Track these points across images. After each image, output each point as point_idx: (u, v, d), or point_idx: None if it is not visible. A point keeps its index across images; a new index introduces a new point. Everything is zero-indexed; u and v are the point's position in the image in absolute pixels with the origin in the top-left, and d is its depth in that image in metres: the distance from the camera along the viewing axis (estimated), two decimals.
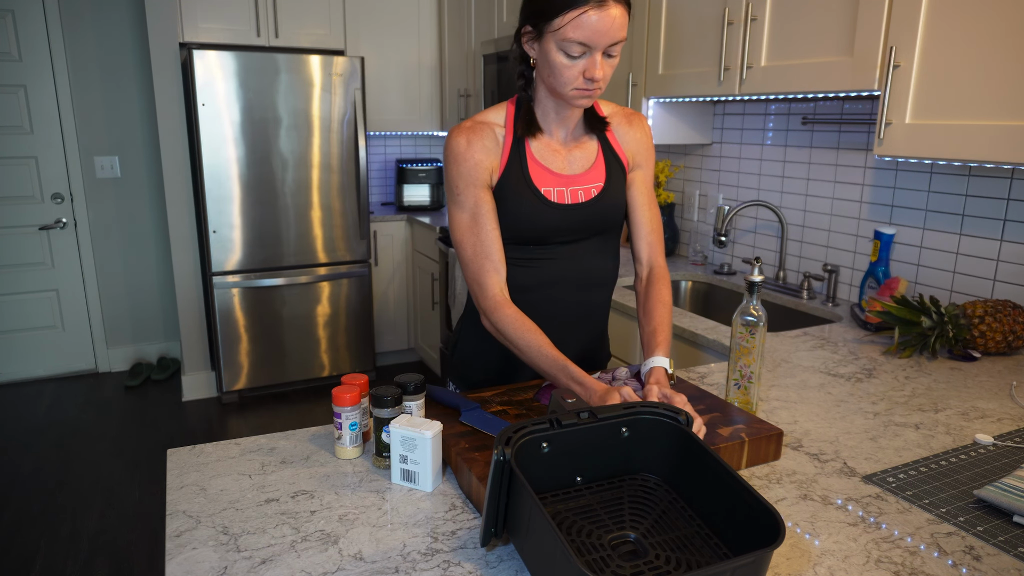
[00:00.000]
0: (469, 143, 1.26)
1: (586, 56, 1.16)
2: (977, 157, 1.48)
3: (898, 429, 1.25)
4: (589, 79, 1.17)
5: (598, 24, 1.12)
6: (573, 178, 1.31)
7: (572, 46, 1.14)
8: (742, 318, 1.23)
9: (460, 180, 1.26)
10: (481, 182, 1.26)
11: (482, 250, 1.26)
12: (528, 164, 1.28)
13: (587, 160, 1.33)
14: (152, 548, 2.51)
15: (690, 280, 2.63)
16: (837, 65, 1.76)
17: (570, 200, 1.30)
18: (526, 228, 1.29)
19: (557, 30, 1.14)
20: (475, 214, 1.26)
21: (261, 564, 0.85)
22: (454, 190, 1.28)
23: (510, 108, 1.31)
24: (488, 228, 1.27)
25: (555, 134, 1.32)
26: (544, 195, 1.29)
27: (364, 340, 3.98)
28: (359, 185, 3.77)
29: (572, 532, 0.88)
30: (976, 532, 0.93)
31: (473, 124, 1.28)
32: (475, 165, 1.26)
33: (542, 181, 1.29)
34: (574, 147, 1.33)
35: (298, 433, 1.21)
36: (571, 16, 1.12)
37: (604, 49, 1.15)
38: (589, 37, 1.13)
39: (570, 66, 1.17)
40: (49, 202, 3.92)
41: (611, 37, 1.14)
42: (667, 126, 2.60)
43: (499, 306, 1.24)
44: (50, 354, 4.10)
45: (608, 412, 0.94)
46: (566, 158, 1.32)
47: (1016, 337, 1.62)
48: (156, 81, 3.45)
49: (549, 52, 1.18)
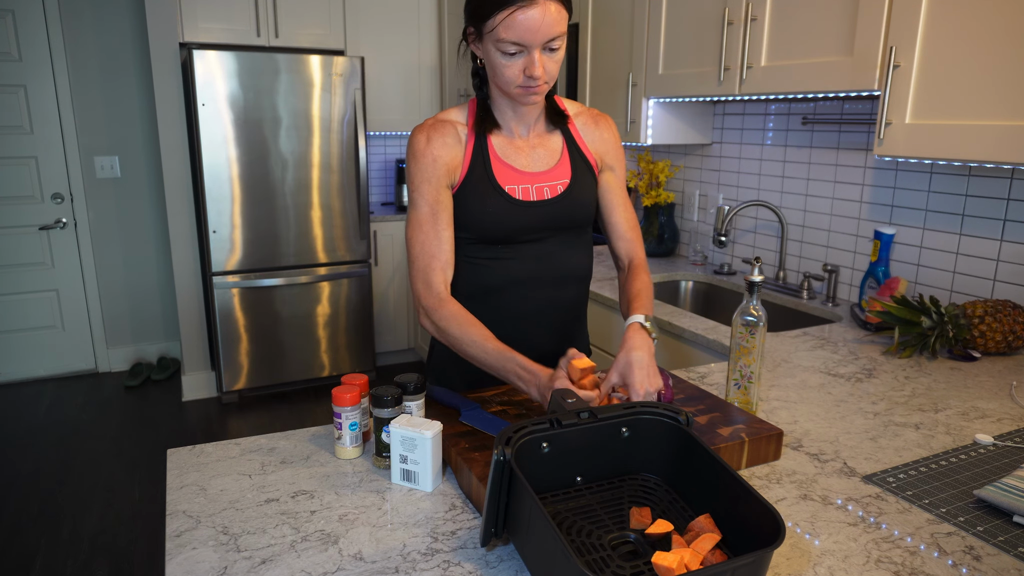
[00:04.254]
0: (429, 140, 1.25)
1: (524, 54, 1.15)
2: (977, 157, 1.48)
3: (898, 429, 1.25)
4: (530, 76, 1.16)
5: (528, 22, 1.11)
6: (538, 175, 1.30)
7: (507, 45, 1.14)
8: (742, 318, 1.23)
9: (417, 176, 1.26)
10: (439, 179, 1.26)
11: (432, 248, 1.25)
12: (492, 162, 1.28)
13: (551, 157, 1.32)
14: (152, 548, 2.51)
15: (690, 280, 2.63)
16: (837, 65, 1.76)
17: (535, 197, 1.29)
18: (492, 226, 1.28)
19: (491, 31, 1.14)
20: (431, 211, 1.25)
21: (261, 564, 0.85)
22: (411, 187, 1.27)
23: (472, 106, 1.31)
24: (441, 227, 1.26)
25: (515, 131, 1.31)
26: (509, 193, 1.28)
27: (364, 340, 3.98)
28: (359, 185, 3.77)
29: (572, 532, 0.88)
30: (976, 532, 0.93)
31: (434, 122, 1.28)
32: (433, 161, 1.25)
33: (506, 179, 1.28)
34: (537, 144, 1.32)
35: (298, 433, 1.21)
36: (501, 17, 1.11)
37: (542, 45, 1.14)
38: (522, 36, 1.12)
39: (509, 65, 1.16)
40: (49, 202, 3.92)
41: (545, 34, 1.12)
42: (667, 126, 2.60)
43: (443, 303, 1.23)
44: (50, 354, 4.10)
45: (608, 412, 0.94)
46: (529, 155, 1.31)
47: (1016, 337, 1.62)
48: (156, 81, 3.45)
49: (489, 53, 1.18)
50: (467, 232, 1.30)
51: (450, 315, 1.21)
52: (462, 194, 1.27)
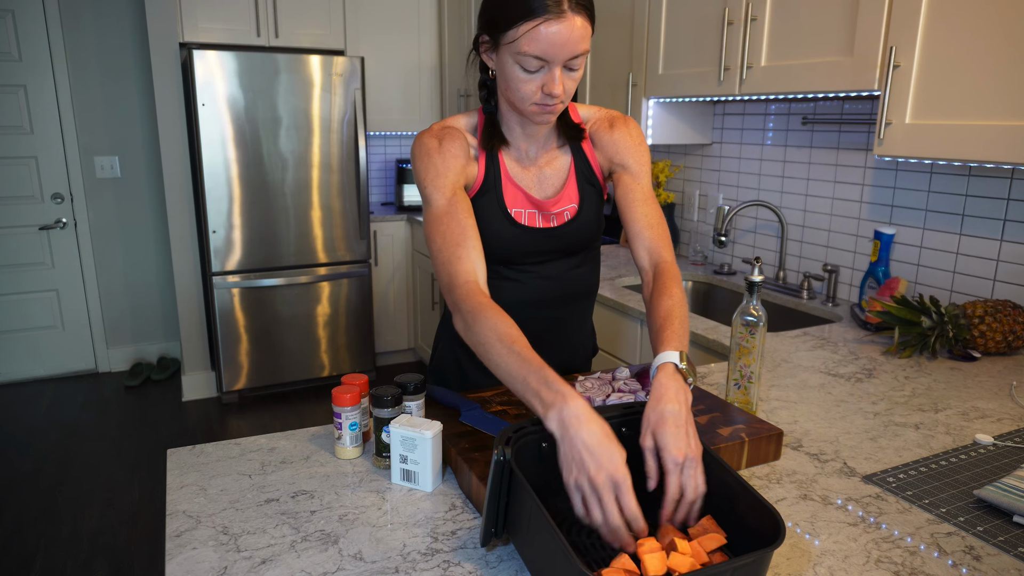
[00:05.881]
0: (442, 142, 1.18)
1: (544, 71, 1.07)
2: (977, 157, 1.48)
3: (898, 429, 1.25)
4: (548, 94, 1.08)
5: (555, 37, 1.02)
6: (546, 203, 1.25)
7: (528, 60, 1.05)
8: (742, 318, 1.23)
9: (431, 171, 1.17)
10: (455, 176, 1.17)
11: (456, 236, 1.12)
12: (503, 182, 1.22)
13: (559, 180, 1.26)
14: (152, 548, 2.51)
15: (690, 280, 2.63)
16: (837, 65, 1.76)
17: (542, 224, 1.25)
18: (496, 248, 1.23)
19: (512, 42, 1.05)
20: (448, 204, 1.15)
21: (261, 564, 0.85)
22: (423, 185, 1.17)
23: (480, 117, 1.24)
24: (462, 216, 1.13)
25: (523, 149, 1.25)
26: (515, 218, 1.23)
27: (364, 340, 3.98)
28: (359, 185, 3.77)
29: (572, 532, 0.88)
30: (976, 532, 0.93)
31: (442, 128, 1.21)
32: (447, 159, 1.17)
33: (515, 202, 1.23)
34: (545, 165, 1.26)
35: (298, 433, 1.21)
36: (526, 28, 1.02)
37: (564, 63, 1.06)
38: (546, 51, 1.04)
39: (527, 80, 1.08)
40: (49, 202, 3.92)
41: (570, 50, 1.04)
42: (667, 126, 2.60)
43: (470, 295, 1.05)
44: (50, 354, 4.10)
45: (608, 412, 0.94)
46: (537, 176, 1.25)
47: (1016, 337, 1.62)
48: (156, 81, 3.45)
49: (505, 65, 1.09)
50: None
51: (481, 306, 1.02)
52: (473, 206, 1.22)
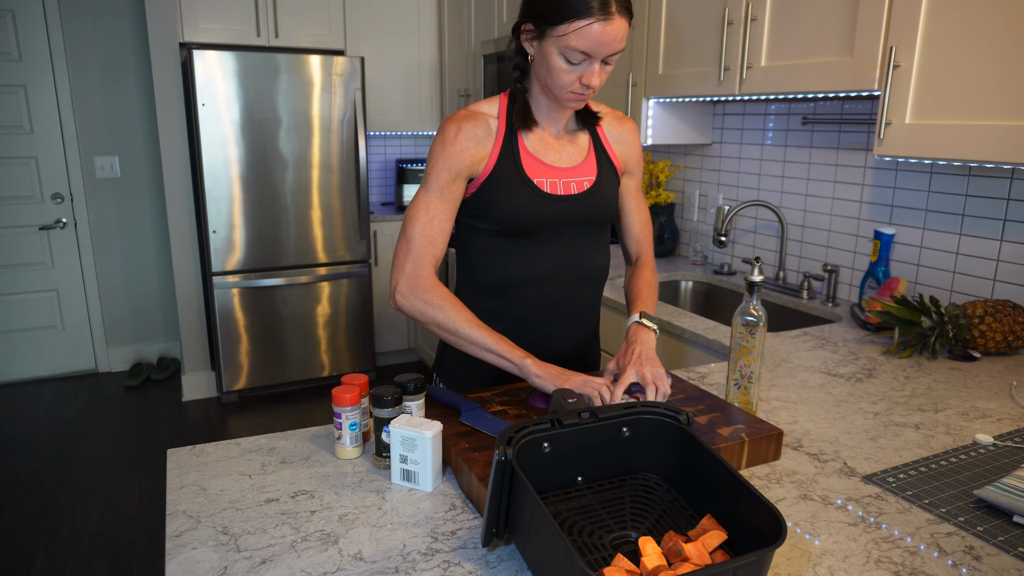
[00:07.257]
0: (459, 130, 1.26)
1: (585, 64, 1.18)
2: (977, 157, 1.48)
3: (898, 429, 1.25)
4: (586, 85, 1.20)
5: (602, 36, 1.13)
6: (566, 170, 1.32)
7: (573, 53, 1.16)
8: (742, 318, 1.23)
9: (440, 159, 1.27)
10: (459, 170, 1.27)
11: (433, 233, 1.26)
12: (521, 155, 1.29)
13: (579, 154, 1.35)
14: (152, 548, 2.51)
15: (690, 280, 2.63)
16: (837, 65, 1.76)
17: (563, 191, 1.31)
18: (518, 217, 1.29)
19: (560, 36, 1.15)
20: (441, 195, 1.27)
21: (261, 564, 0.85)
22: (429, 167, 1.28)
23: (503, 100, 1.33)
24: (445, 216, 1.27)
25: (547, 128, 1.33)
26: (537, 185, 1.29)
27: (364, 340, 3.98)
28: (359, 185, 3.77)
29: (573, 532, 0.88)
30: (976, 532, 0.93)
31: (467, 113, 1.29)
32: (460, 151, 1.26)
33: (535, 172, 1.30)
34: (566, 141, 1.35)
35: (298, 433, 1.21)
36: (576, 26, 1.13)
37: (603, 58, 1.17)
38: (591, 47, 1.14)
39: (569, 71, 1.18)
40: (49, 202, 3.92)
41: (612, 48, 1.16)
42: (667, 126, 2.60)
43: (434, 286, 1.25)
44: (50, 354, 4.10)
45: (609, 412, 0.94)
46: (558, 151, 1.33)
47: (1016, 337, 1.62)
48: (156, 81, 3.45)
49: (549, 55, 1.19)
50: (491, 224, 1.30)
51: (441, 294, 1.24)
52: (489, 184, 1.28)
